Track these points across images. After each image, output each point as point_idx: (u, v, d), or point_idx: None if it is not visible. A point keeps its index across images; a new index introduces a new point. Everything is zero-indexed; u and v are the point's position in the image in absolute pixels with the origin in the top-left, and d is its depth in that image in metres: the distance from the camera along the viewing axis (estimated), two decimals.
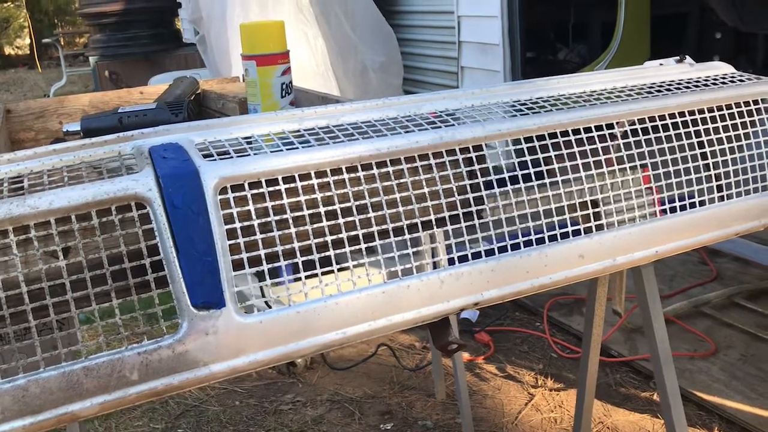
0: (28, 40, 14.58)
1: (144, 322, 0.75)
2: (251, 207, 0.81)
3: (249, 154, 0.83)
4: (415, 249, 0.87)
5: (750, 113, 1.10)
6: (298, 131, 0.91)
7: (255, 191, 0.81)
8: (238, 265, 0.79)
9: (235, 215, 0.80)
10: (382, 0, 4.16)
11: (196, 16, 2.64)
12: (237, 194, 0.80)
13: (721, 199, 1.07)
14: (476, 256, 0.90)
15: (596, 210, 0.99)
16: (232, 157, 0.82)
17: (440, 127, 0.92)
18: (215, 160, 0.81)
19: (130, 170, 0.79)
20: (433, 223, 0.89)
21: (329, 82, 2.41)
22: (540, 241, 0.93)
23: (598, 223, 0.98)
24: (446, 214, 0.90)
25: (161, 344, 0.74)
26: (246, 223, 0.80)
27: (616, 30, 3.99)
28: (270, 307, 0.81)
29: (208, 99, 1.67)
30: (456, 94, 1.03)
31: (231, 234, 0.79)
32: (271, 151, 0.84)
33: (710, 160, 1.06)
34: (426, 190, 0.89)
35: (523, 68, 3.74)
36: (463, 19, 4.06)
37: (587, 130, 0.99)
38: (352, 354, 2.58)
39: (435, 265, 0.90)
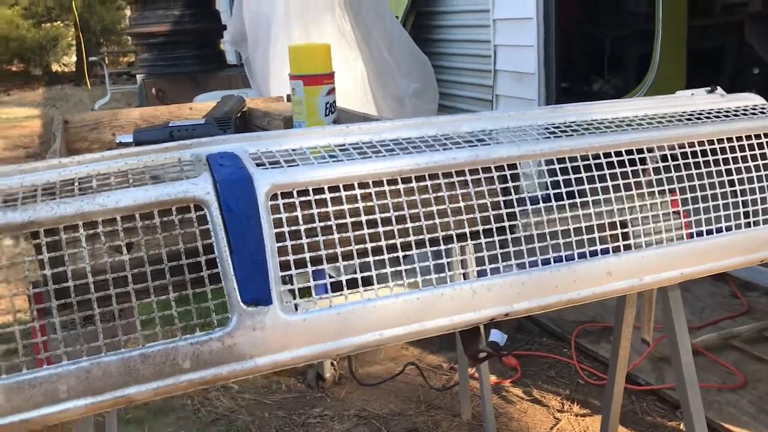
0: (74, 58, 15.04)
1: (197, 316, 0.81)
2: (299, 213, 0.87)
3: (298, 165, 0.90)
4: (448, 259, 0.92)
5: None
6: (343, 145, 0.97)
7: (302, 199, 0.87)
8: (284, 267, 0.85)
9: (284, 220, 0.86)
10: (421, 28, 4.26)
11: (239, 38, 2.74)
12: (286, 201, 0.86)
13: (748, 225, 1.10)
14: (507, 269, 0.95)
15: (625, 231, 1.03)
16: (282, 167, 0.89)
17: (477, 145, 0.97)
18: (267, 168, 0.88)
19: (189, 175, 0.86)
20: (468, 235, 0.94)
21: (368, 105, 2.49)
22: (569, 258, 0.97)
23: (626, 243, 1.02)
24: (480, 228, 0.95)
25: (212, 336, 0.80)
26: (293, 228, 0.86)
27: (651, 63, 4.02)
28: (296, 309, 0.86)
29: (254, 116, 1.75)
30: (493, 115, 1.08)
31: (279, 237, 0.85)
32: (318, 163, 0.90)
33: (738, 187, 1.09)
34: (462, 204, 0.94)
35: (557, 98, 3.79)
36: (500, 48, 4.12)
37: (618, 153, 1.03)
38: (380, 371, 2.61)
39: (466, 276, 0.94)
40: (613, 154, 1.03)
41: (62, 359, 0.76)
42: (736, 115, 1.16)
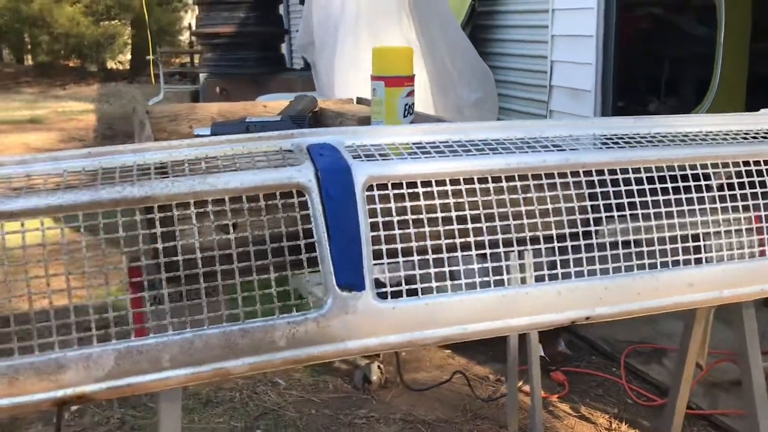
0: (129, 56, 15.43)
1: (293, 296, 0.85)
2: (392, 205, 0.89)
3: (392, 158, 0.93)
4: (535, 260, 0.94)
5: None
6: (434, 142, 0.99)
7: (396, 191, 0.90)
8: (376, 255, 0.88)
9: (378, 210, 0.88)
10: (477, 42, 4.28)
11: (307, 42, 2.80)
12: (381, 192, 0.89)
13: None
14: (590, 273, 0.96)
15: (706, 243, 1.04)
16: (377, 160, 0.92)
17: (565, 150, 0.99)
18: (364, 160, 0.91)
19: (291, 163, 0.89)
20: (554, 237, 0.96)
21: (428, 113, 2.52)
22: (652, 266, 0.98)
23: (707, 255, 1.02)
24: (566, 230, 0.96)
25: (308, 317, 0.83)
26: (386, 219, 0.89)
27: (710, 86, 3.98)
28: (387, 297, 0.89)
29: (326, 116, 1.79)
30: (577, 122, 1.10)
31: (372, 227, 0.88)
32: (412, 158, 0.93)
33: None
34: (549, 206, 0.96)
35: (613, 116, 3.77)
36: (557, 64, 4.12)
37: (704, 166, 1.04)
38: (426, 378, 2.63)
39: (549, 278, 0.96)
40: (698, 167, 1.03)
41: (167, 330, 0.80)
42: None
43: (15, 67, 16.26)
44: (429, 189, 0.91)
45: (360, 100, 1.90)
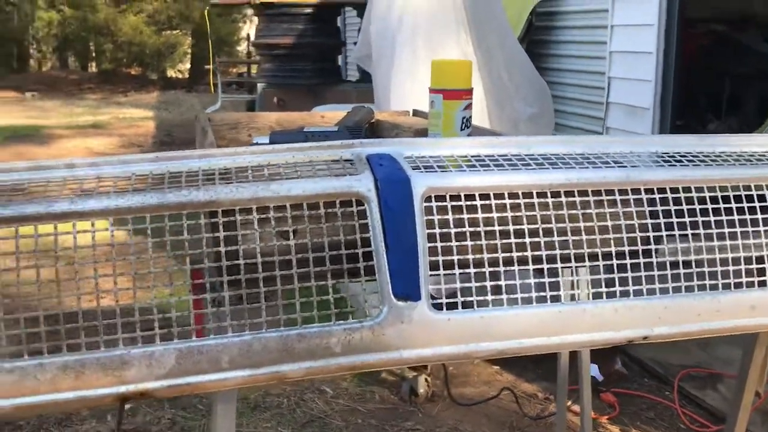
0: (188, 65, 15.83)
1: (349, 304, 0.86)
2: (450, 216, 0.90)
3: (450, 171, 0.93)
4: (593, 277, 0.93)
5: None
6: (493, 156, 0.99)
7: (454, 203, 0.90)
8: (433, 266, 0.88)
9: (436, 222, 0.89)
10: (534, 57, 4.25)
11: (365, 53, 2.83)
12: (439, 204, 0.90)
13: None
14: (649, 292, 0.94)
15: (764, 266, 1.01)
16: (436, 171, 0.92)
17: (626, 166, 0.98)
18: (422, 171, 0.91)
19: (351, 172, 0.90)
20: (613, 254, 0.95)
21: (485, 125, 2.51)
22: (713, 287, 0.96)
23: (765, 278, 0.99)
24: (626, 248, 0.95)
25: (364, 324, 0.84)
26: (443, 231, 0.89)
27: None
28: (442, 308, 0.89)
29: (382, 128, 1.81)
30: (639, 140, 1.08)
31: (429, 238, 0.88)
32: (470, 170, 0.94)
33: None
34: (609, 223, 0.94)
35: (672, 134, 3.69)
36: (614, 81, 4.07)
37: None
38: (473, 393, 2.61)
39: (607, 295, 0.95)
40: (764, 188, 1.01)
41: (227, 331, 0.82)
42: None
43: (79, 74, 16.86)
44: (487, 202, 0.91)
45: (416, 113, 1.91)
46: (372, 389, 2.61)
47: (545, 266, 0.92)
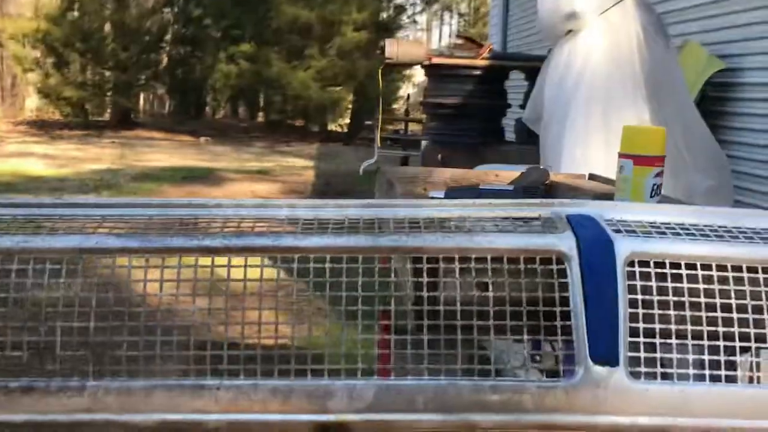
0: (347, 120, 16.59)
1: (544, 362, 0.85)
2: (653, 284, 0.88)
3: (655, 236, 0.91)
4: None
5: None
6: (698, 225, 0.96)
7: (658, 270, 0.88)
8: (632, 333, 0.86)
9: (638, 288, 0.87)
10: (707, 114, 4.07)
11: (534, 117, 2.85)
12: (642, 269, 0.88)
13: None
14: None
15: None
16: (639, 236, 0.91)
17: None
18: (626, 235, 0.90)
19: (552, 231, 0.91)
20: None
21: None
22: None
23: None
24: None
25: (558, 384, 0.83)
26: (645, 297, 0.87)
27: None
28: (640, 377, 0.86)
29: (558, 190, 1.80)
30: None
31: (630, 304, 0.87)
32: (676, 238, 0.91)
33: None
34: None
35: None
36: None
37: None
38: None
39: None
40: None
41: (423, 374, 0.84)
42: None
43: (248, 122, 18.18)
44: (693, 272, 0.89)
45: (593, 177, 1.89)
46: None
47: (753, 345, 0.87)
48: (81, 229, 0.87)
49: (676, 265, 0.89)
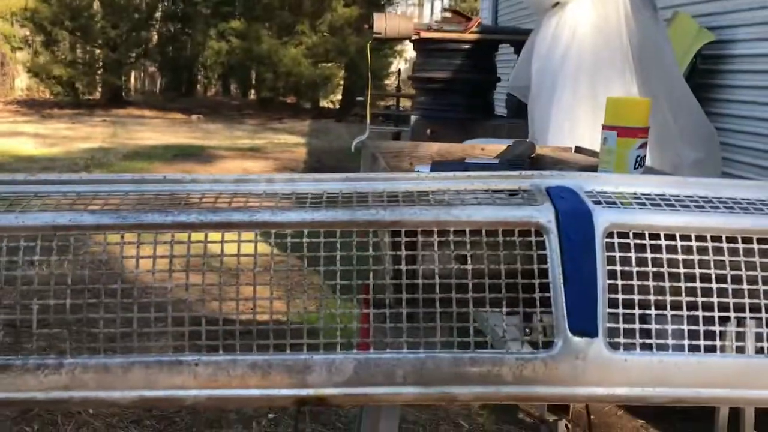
0: (339, 97, 16.49)
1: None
2: (632, 255, 0.88)
3: (634, 207, 0.91)
4: None
5: None
6: (678, 196, 0.96)
7: (638, 241, 0.88)
8: (611, 305, 0.86)
9: (617, 259, 0.87)
10: (697, 87, 4.06)
11: (523, 85, 2.84)
12: (621, 240, 0.88)
13: None
14: None
15: None
16: (618, 207, 0.91)
17: None
18: (605, 206, 0.90)
19: (531, 203, 0.91)
20: None
21: None
22: None
23: None
24: None
25: (537, 356, 0.84)
26: (624, 268, 0.87)
27: None
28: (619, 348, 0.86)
29: (544, 163, 1.79)
30: None
31: (609, 275, 0.87)
32: (655, 208, 0.91)
33: None
34: None
35: None
36: None
37: None
38: None
39: None
40: None
41: (402, 347, 0.84)
42: None
43: (240, 100, 18.03)
44: (672, 242, 0.88)
45: (579, 150, 1.88)
46: (510, 429, 2.56)
47: (732, 315, 0.88)
48: (55, 206, 0.86)
49: (655, 236, 0.89)
